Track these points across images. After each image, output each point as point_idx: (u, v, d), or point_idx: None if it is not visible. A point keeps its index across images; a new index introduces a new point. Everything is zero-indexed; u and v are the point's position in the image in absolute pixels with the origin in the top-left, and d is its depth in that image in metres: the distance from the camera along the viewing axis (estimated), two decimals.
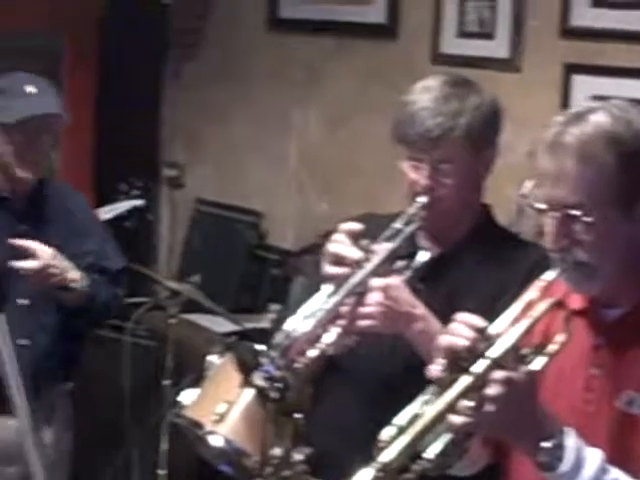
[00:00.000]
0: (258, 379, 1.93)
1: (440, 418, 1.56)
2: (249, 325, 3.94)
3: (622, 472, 1.64)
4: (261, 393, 1.94)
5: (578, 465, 1.60)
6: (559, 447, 1.60)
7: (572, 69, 3.72)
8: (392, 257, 2.10)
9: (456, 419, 1.56)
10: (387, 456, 1.54)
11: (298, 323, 1.98)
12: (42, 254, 2.72)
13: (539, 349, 1.64)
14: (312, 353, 1.98)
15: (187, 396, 2.30)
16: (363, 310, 2.03)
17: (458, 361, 1.58)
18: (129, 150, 4.64)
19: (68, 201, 3.01)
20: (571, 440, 1.61)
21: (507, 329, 1.62)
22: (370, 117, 4.13)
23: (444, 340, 1.62)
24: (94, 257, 2.95)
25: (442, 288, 2.18)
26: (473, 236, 2.24)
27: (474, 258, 2.21)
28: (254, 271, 4.39)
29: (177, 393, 2.39)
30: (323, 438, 2.12)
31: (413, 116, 2.13)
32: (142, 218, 4.55)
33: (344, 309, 2.03)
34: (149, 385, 3.79)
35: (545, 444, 1.59)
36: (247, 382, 2.01)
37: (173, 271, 4.52)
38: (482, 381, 1.56)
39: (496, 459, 1.86)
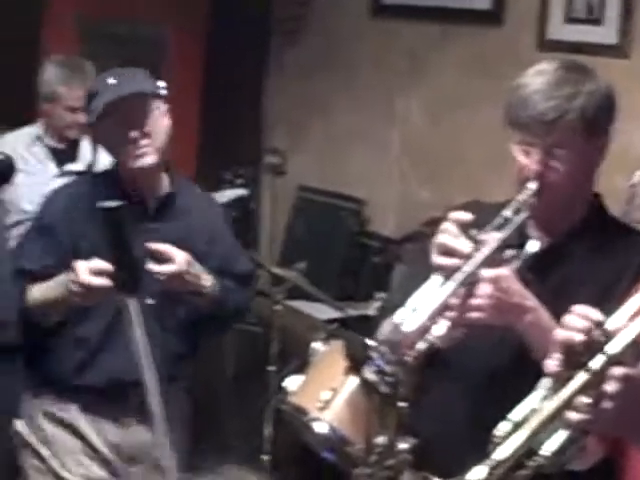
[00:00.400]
0: (369, 373, 1.92)
1: (557, 414, 1.53)
2: (352, 312, 3.95)
3: None
4: (371, 387, 1.93)
5: None
6: None
7: None
8: (501, 247, 2.07)
9: (573, 416, 1.53)
10: (502, 453, 1.51)
11: (408, 315, 1.96)
12: (178, 260, 2.65)
13: None
14: (421, 346, 1.97)
15: (292, 382, 2.31)
16: (473, 302, 2.00)
17: (575, 356, 1.55)
18: (233, 138, 4.68)
19: (198, 203, 2.93)
20: None
21: (626, 324, 1.58)
22: (474, 106, 4.09)
23: (561, 334, 1.59)
24: (223, 261, 2.87)
25: (552, 279, 2.14)
26: (584, 226, 2.19)
27: (585, 249, 2.16)
28: (355, 258, 4.39)
29: (282, 379, 2.41)
30: (428, 429, 2.11)
31: (526, 99, 2.09)
32: (245, 207, 4.57)
33: (453, 301, 2.00)
34: (253, 371, 3.82)
35: None
36: (353, 371, 2.01)
37: (275, 258, 4.55)
38: (600, 377, 1.53)
39: (612, 454, 1.82)
